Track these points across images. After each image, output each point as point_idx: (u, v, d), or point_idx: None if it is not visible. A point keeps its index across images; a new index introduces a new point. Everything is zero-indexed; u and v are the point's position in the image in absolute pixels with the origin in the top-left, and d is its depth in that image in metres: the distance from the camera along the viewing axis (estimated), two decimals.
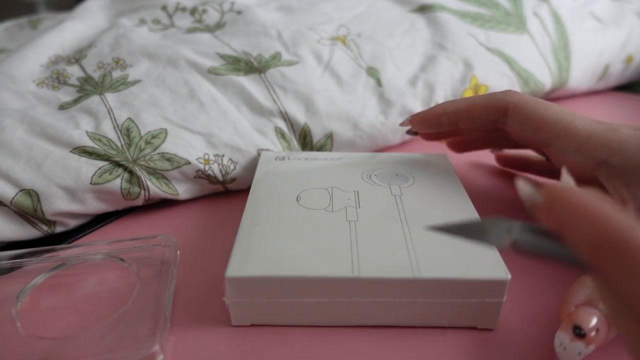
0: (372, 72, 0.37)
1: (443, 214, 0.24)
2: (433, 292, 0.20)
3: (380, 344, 0.21)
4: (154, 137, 0.30)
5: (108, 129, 0.29)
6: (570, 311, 0.19)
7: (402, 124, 0.31)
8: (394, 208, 0.25)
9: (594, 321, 0.18)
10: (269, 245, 0.22)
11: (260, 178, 0.28)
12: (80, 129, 0.29)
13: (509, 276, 0.20)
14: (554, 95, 0.47)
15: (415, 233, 0.22)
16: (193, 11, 0.40)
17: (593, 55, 0.46)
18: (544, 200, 0.12)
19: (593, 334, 0.18)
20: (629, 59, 0.49)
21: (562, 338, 0.19)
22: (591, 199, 0.12)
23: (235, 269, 0.21)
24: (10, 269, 0.25)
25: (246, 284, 0.20)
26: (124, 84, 0.32)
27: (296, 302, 0.21)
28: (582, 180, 0.23)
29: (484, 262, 0.20)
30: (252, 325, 0.22)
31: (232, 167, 0.32)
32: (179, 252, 0.26)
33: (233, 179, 0.32)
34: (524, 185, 0.13)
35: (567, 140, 0.23)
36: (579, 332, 0.18)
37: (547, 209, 0.12)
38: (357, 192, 0.26)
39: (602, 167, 0.22)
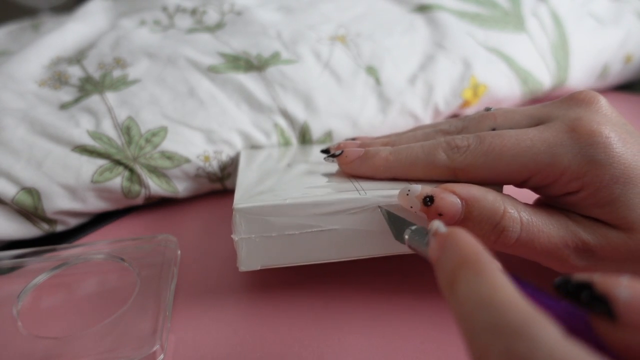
0: (371, 71, 0.37)
1: None
2: None
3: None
4: (154, 135, 0.30)
5: (108, 128, 0.29)
6: (455, 189, 0.20)
7: (327, 153, 0.25)
8: None
9: (452, 199, 0.19)
10: (274, 183, 0.22)
11: (246, 164, 0.29)
12: (80, 128, 0.29)
13: None
14: (554, 95, 0.48)
15: None
16: (193, 12, 0.41)
17: (592, 54, 0.46)
18: (444, 234, 0.15)
19: (439, 211, 0.19)
20: (627, 59, 0.49)
21: (416, 190, 0.20)
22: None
23: (244, 201, 0.20)
24: (12, 269, 0.25)
25: (256, 214, 0.20)
26: (124, 83, 0.32)
27: (306, 234, 0.21)
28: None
29: None
30: (261, 271, 0.22)
31: (230, 162, 0.32)
32: (179, 252, 0.26)
33: (229, 174, 0.33)
34: (436, 222, 0.16)
35: (541, 179, 0.20)
36: (427, 201, 0.19)
37: (440, 240, 0.15)
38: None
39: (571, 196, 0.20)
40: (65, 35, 0.38)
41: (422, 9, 0.42)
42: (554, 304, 0.12)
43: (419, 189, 0.20)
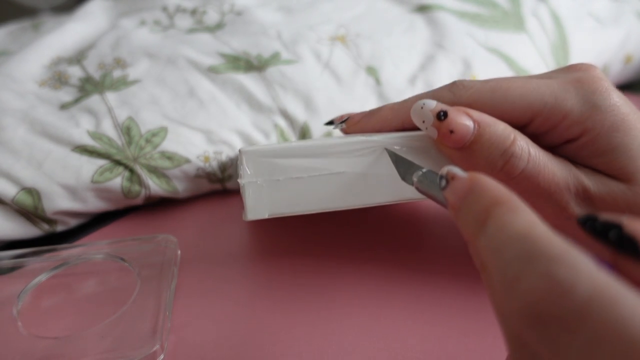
0: (371, 71, 0.37)
1: None
2: None
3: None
4: (154, 135, 0.30)
5: (108, 128, 0.29)
6: (469, 111, 0.20)
7: (335, 126, 0.27)
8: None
9: (465, 120, 0.19)
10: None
11: None
12: (80, 128, 0.29)
13: None
14: None
15: None
16: (193, 12, 0.41)
17: (592, 54, 0.46)
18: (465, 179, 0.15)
19: (452, 127, 0.19)
20: (627, 59, 0.49)
21: (431, 104, 0.20)
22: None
23: (250, 146, 0.21)
24: (12, 269, 0.25)
25: (263, 156, 0.20)
26: (124, 83, 0.32)
27: (313, 179, 0.21)
28: None
29: None
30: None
31: (229, 163, 0.32)
32: (179, 252, 0.26)
33: (230, 176, 0.32)
34: (449, 166, 0.15)
35: (543, 122, 0.21)
36: (442, 116, 0.20)
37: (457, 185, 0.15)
38: None
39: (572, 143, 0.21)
40: (65, 35, 0.38)
41: (422, 9, 0.42)
42: None
43: (434, 103, 0.20)
